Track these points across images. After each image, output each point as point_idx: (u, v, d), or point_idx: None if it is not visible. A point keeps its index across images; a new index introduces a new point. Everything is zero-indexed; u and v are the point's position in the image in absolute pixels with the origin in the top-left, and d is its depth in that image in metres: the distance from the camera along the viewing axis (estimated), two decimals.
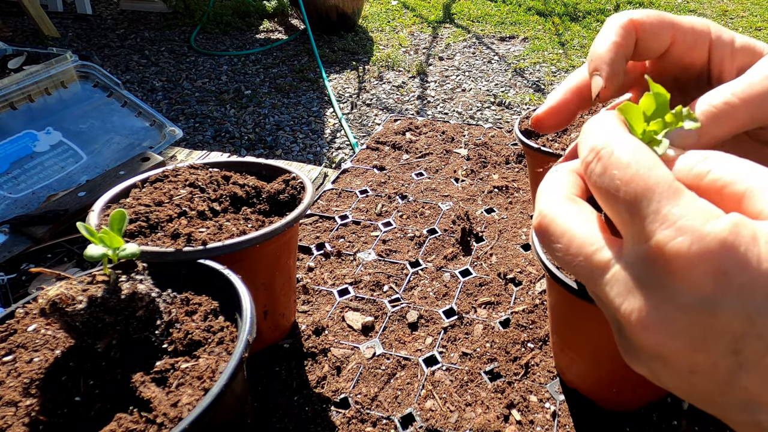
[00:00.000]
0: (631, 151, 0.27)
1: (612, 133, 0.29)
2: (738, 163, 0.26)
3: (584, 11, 4.71)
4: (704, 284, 0.22)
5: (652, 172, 0.26)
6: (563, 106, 0.38)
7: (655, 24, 0.35)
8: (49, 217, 0.86)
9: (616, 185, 0.26)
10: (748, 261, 0.22)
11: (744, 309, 0.22)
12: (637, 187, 0.25)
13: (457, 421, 0.59)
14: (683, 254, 0.23)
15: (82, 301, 0.39)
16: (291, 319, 0.71)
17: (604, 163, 0.27)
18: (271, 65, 3.70)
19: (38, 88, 1.09)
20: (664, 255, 0.23)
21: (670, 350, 0.24)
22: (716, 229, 0.23)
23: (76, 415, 0.37)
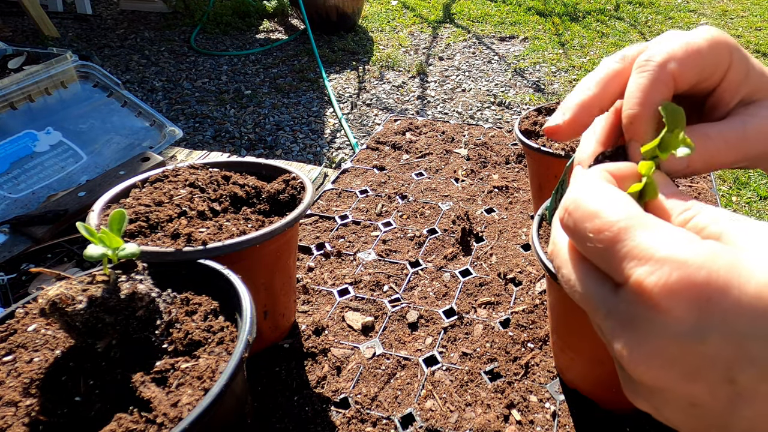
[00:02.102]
0: (597, 200, 0.27)
1: (581, 186, 0.29)
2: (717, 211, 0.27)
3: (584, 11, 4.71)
4: (689, 313, 0.22)
5: (620, 215, 0.26)
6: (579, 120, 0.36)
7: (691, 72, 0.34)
8: (49, 217, 0.86)
9: (589, 238, 0.27)
10: (730, 285, 0.22)
11: (731, 335, 0.21)
12: (608, 234, 0.26)
13: (457, 421, 0.59)
14: (663, 285, 0.23)
15: (82, 301, 0.39)
16: (291, 319, 0.71)
17: (574, 218, 0.28)
18: (271, 65, 3.70)
19: (38, 88, 1.09)
20: (645, 291, 0.23)
21: (666, 383, 0.24)
22: (694, 256, 0.22)
23: (76, 415, 0.37)
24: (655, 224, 0.25)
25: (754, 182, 2.55)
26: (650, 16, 4.62)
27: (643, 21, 4.52)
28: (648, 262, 0.23)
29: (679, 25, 4.39)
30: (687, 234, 0.24)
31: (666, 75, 0.33)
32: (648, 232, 0.24)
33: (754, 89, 0.35)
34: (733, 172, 2.60)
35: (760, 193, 2.48)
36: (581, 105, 0.36)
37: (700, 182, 1.00)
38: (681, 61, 0.33)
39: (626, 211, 0.26)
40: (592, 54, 3.88)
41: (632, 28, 4.36)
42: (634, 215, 0.26)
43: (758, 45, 3.98)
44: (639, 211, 0.26)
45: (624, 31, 4.30)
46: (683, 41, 0.34)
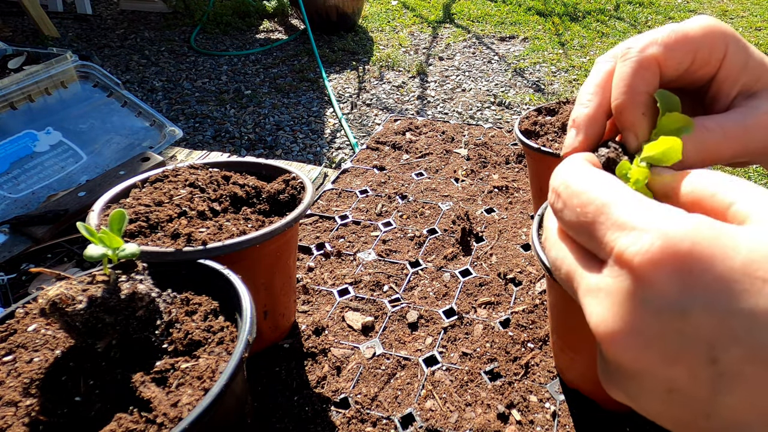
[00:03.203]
0: (585, 179, 0.27)
1: (568, 169, 0.29)
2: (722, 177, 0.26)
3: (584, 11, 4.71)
4: (671, 285, 0.21)
5: (606, 190, 0.26)
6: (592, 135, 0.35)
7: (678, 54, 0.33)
8: (49, 217, 0.86)
9: (577, 213, 0.26)
10: (713, 259, 0.21)
11: (714, 310, 0.20)
12: (594, 207, 0.25)
13: (457, 421, 0.59)
14: (645, 254, 0.22)
15: (82, 301, 0.39)
16: (291, 319, 0.71)
17: (564, 198, 0.28)
18: (271, 65, 3.70)
19: (38, 88, 1.09)
20: (626, 261, 0.22)
21: (643, 365, 0.22)
22: (679, 226, 0.22)
23: (76, 415, 0.37)
24: (640, 198, 0.24)
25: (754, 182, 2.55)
26: (650, 16, 4.62)
27: (643, 21, 4.52)
28: (631, 231, 0.23)
29: None
30: (673, 207, 0.23)
31: (648, 60, 0.33)
32: (633, 204, 0.24)
33: (754, 78, 0.34)
34: (732, 171, 2.60)
35: None
36: (589, 119, 0.35)
37: None
38: (665, 44, 0.33)
39: (613, 186, 0.26)
40: (592, 54, 3.88)
41: (632, 28, 4.36)
42: (620, 190, 0.26)
43: (758, 45, 3.98)
44: (626, 187, 0.26)
45: (624, 31, 4.30)
46: (669, 27, 0.34)
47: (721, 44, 0.34)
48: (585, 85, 0.36)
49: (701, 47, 0.34)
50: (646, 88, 0.33)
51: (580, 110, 0.35)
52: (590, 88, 0.36)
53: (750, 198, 0.24)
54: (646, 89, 0.33)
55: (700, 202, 0.26)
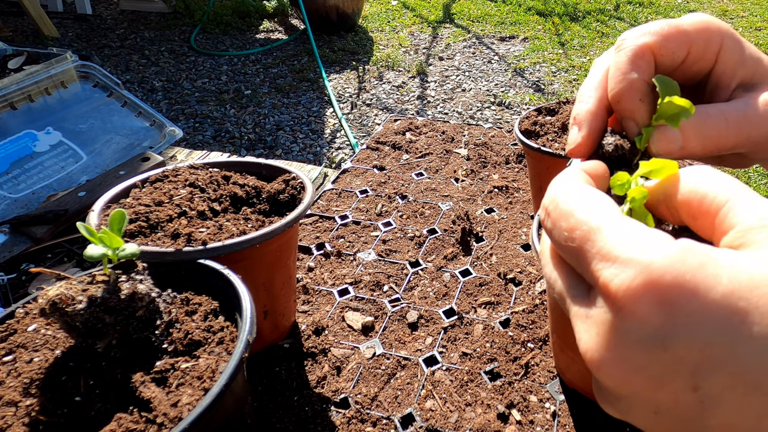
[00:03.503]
0: (573, 198, 0.27)
1: (559, 186, 0.29)
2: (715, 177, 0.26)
3: (584, 11, 4.71)
4: (652, 317, 0.21)
5: (593, 213, 0.26)
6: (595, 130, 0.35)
7: (671, 45, 0.34)
8: (49, 217, 0.86)
9: (564, 237, 0.26)
10: (695, 289, 0.21)
11: (695, 341, 0.21)
12: (580, 233, 0.25)
13: (457, 421, 0.59)
14: (627, 289, 0.22)
15: (82, 301, 0.39)
16: (291, 319, 0.71)
17: (553, 218, 0.28)
18: (271, 65, 3.70)
19: (38, 88, 1.09)
20: (611, 293, 0.23)
21: (630, 390, 0.23)
22: (659, 257, 0.22)
23: (76, 415, 0.37)
24: (627, 224, 0.24)
25: (754, 182, 2.55)
26: (650, 16, 4.62)
27: (643, 21, 4.52)
28: (615, 263, 0.23)
29: None
30: (659, 234, 0.23)
31: (642, 48, 0.34)
32: (619, 232, 0.24)
33: (750, 72, 0.35)
34: (732, 172, 2.60)
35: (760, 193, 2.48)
36: (590, 114, 0.35)
37: None
38: (659, 34, 0.34)
39: (600, 210, 0.26)
40: (592, 54, 3.88)
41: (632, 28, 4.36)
42: (607, 214, 0.25)
43: (758, 45, 3.98)
44: (614, 210, 0.26)
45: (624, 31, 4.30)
46: (663, 21, 0.35)
47: (716, 39, 0.34)
48: (584, 84, 0.37)
49: (696, 41, 0.34)
50: (642, 75, 0.34)
51: (581, 107, 0.36)
52: (590, 85, 0.36)
53: (740, 202, 0.24)
54: (642, 76, 0.34)
55: (693, 204, 0.26)
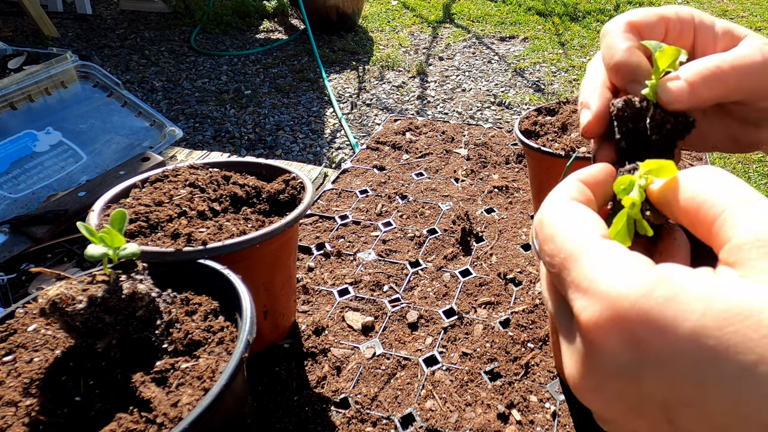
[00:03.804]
0: (556, 221, 0.27)
1: (547, 206, 0.28)
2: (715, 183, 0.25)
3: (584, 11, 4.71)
4: (622, 352, 0.21)
5: (573, 238, 0.25)
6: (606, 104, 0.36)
7: (651, 21, 0.36)
8: (49, 217, 0.86)
9: (547, 261, 0.26)
10: (663, 326, 0.20)
11: (663, 378, 0.20)
12: (559, 260, 0.25)
13: (457, 421, 0.59)
14: (595, 324, 0.22)
15: (82, 301, 0.39)
16: (291, 319, 0.71)
17: (539, 240, 0.27)
18: (271, 65, 3.70)
19: (38, 88, 1.09)
20: (582, 325, 0.23)
21: (612, 415, 0.23)
22: (627, 290, 0.21)
23: (76, 415, 0.37)
24: (604, 251, 0.24)
25: (754, 182, 2.55)
26: None
27: None
28: (585, 295, 0.23)
29: None
30: (635, 261, 0.23)
31: (626, 25, 0.36)
32: (593, 261, 0.23)
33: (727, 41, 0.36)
34: (732, 171, 2.60)
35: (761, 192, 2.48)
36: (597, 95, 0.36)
37: None
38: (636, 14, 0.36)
39: (580, 234, 0.25)
40: (592, 54, 3.88)
41: None
42: (586, 240, 0.25)
43: None
44: (594, 234, 0.25)
45: None
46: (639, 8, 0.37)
47: (689, 17, 0.37)
48: (584, 81, 0.38)
49: (671, 19, 0.36)
50: (634, 42, 0.36)
51: (586, 94, 0.37)
52: (590, 79, 0.38)
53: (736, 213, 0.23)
54: (634, 43, 0.36)
55: (692, 212, 0.25)
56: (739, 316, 0.19)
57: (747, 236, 0.22)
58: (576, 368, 0.24)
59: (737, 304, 0.19)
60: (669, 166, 0.27)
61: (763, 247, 0.21)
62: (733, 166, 2.65)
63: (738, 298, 0.20)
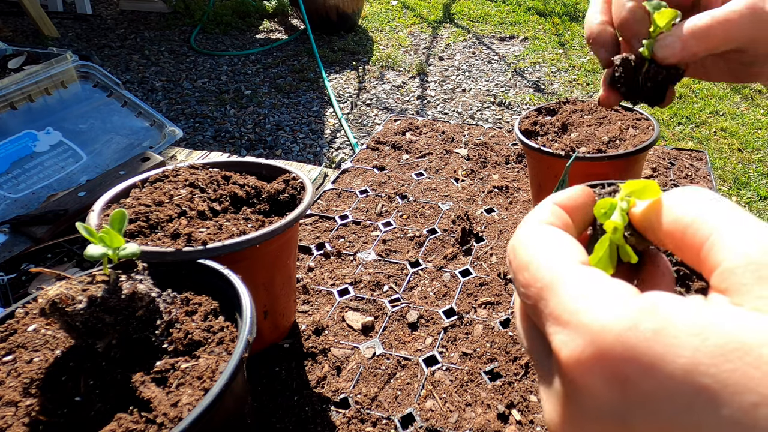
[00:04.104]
0: (530, 247, 0.25)
1: (521, 231, 0.26)
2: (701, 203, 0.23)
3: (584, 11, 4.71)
4: (607, 393, 0.19)
5: (548, 266, 0.23)
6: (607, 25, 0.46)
7: None
8: (49, 217, 0.86)
9: (522, 292, 0.24)
10: (651, 363, 0.18)
11: (656, 421, 0.18)
12: (535, 290, 0.23)
13: (457, 421, 0.59)
14: (577, 361, 0.20)
15: (82, 301, 0.39)
16: (291, 319, 0.71)
17: (513, 269, 0.25)
18: (271, 65, 3.70)
19: (38, 88, 1.09)
20: (562, 363, 0.21)
21: None
22: (615, 322, 0.19)
23: (76, 415, 0.37)
24: (585, 279, 0.22)
25: (754, 182, 2.55)
26: None
27: None
28: (565, 329, 0.21)
29: None
30: (618, 288, 0.21)
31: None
32: (573, 290, 0.21)
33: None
34: (732, 172, 2.60)
35: (760, 193, 2.48)
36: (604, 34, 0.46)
37: (701, 182, 1.00)
38: None
39: (557, 262, 0.23)
40: (591, 54, 3.88)
41: None
42: (564, 268, 0.23)
43: None
44: (573, 261, 0.23)
45: None
46: None
47: None
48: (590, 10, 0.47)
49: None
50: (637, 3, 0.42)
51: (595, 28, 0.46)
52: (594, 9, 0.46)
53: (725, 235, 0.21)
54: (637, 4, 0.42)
55: (677, 236, 0.23)
56: (737, 351, 0.17)
57: (739, 259, 0.20)
58: (555, 412, 0.22)
59: (734, 338, 0.17)
60: (651, 186, 0.25)
61: (757, 271, 0.19)
62: (733, 166, 2.65)
63: (735, 331, 0.18)
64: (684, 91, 3.28)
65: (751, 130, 2.95)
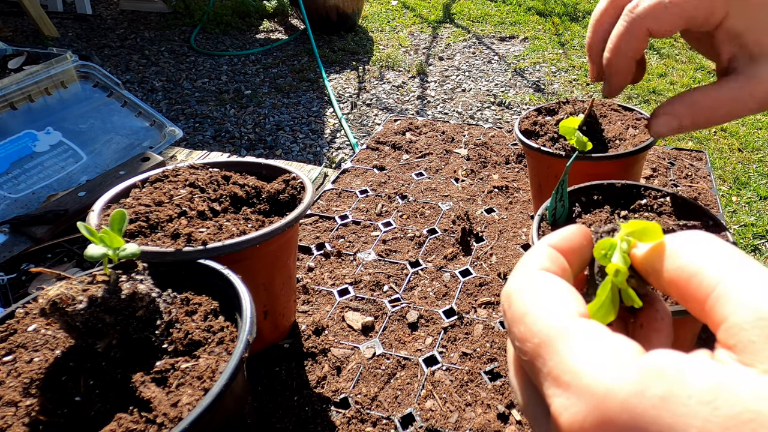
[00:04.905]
0: (527, 297, 0.23)
1: (517, 274, 0.25)
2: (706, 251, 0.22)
3: (584, 11, 4.71)
4: None
5: (545, 320, 0.22)
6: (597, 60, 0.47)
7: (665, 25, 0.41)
8: (49, 217, 0.86)
9: (517, 347, 0.23)
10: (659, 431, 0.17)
11: None
12: (532, 346, 0.22)
13: (457, 421, 0.59)
14: (580, 428, 0.18)
15: (82, 301, 0.39)
16: (291, 319, 0.71)
17: (508, 319, 0.24)
18: (271, 65, 3.70)
19: (38, 88, 1.09)
20: (562, 429, 0.19)
21: None
22: (615, 388, 0.18)
23: (76, 415, 0.37)
24: (585, 335, 0.20)
25: (754, 182, 2.55)
26: None
27: None
28: (566, 391, 0.19)
29: None
30: (622, 348, 0.20)
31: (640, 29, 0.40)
32: (574, 348, 0.20)
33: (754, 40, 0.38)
34: (732, 172, 2.60)
35: (760, 193, 2.48)
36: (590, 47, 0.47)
37: (701, 182, 1.00)
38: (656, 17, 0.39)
39: (556, 316, 0.22)
40: None
41: None
42: (563, 323, 0.21)
43: None
44: (572, 314, 0.22)
45: None
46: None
47: (721, 8, 0.38)
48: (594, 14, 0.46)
49: (696, 14, 0.38)
50: (633, 54, 0.41)
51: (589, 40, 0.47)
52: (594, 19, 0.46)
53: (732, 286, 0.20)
54: (633, 55, 0.41)
55: (681, 285, 0.22)
56: (751, 423, 0.16)
57: (746, 315, 0.19)
58: None
59: (747, 408, 0.16)
60: (653, 228, 0.24)
61: (767, 327, 0.18)
62: (733, 166, 2.65)
63: (748, 398, 0.16)
64: None
65: (751, 130, 2.95)
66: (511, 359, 0.26)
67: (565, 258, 0.26)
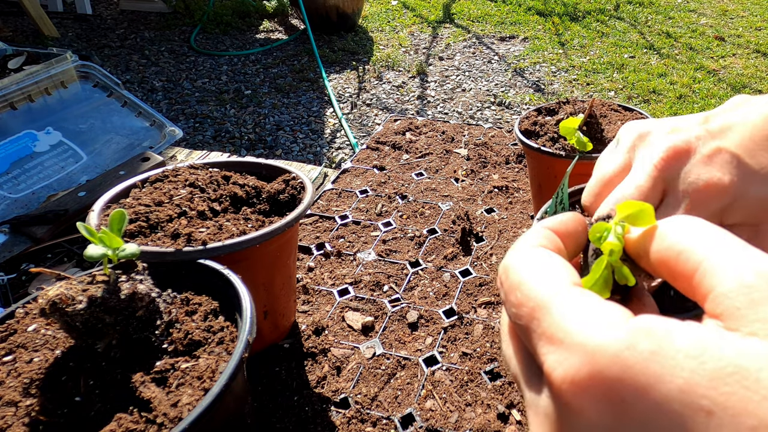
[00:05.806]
0: (523, 268, 0.24)
1: (514, 251, 0.26)
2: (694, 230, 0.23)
3: (584, 11, 4.71)
4: (602, 415, 0.19)
5: (543, 287, 0.23)
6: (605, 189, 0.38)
7: None
8: (49, 217, 0.86)
9: (513, 313, 0.24)
10: (647, 384, 0.18)
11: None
12: (527, 310, 0.23)
13: (457, 421, 0.59)
14: (571, 382, 0.19)
15: (82, 301, 0.39)
16: (291, 319, 0.71)
17: (504, 290, 0.25)
18: (271, 65, 3.70)
19: (38, 88, 1.09)
20: (555, 384, 0.20)
21: None
22: (610, 342, 0.19)
23: (76, 415, 0.37)
24: (578, 299, 0.22)
25: None
26: (650, 16, 4.62)
27: (643, 21, 4.52)
28: (559, 348, 0.20)
29: (679, 24, 4.39)
30: (612, 310, 0.21)
31: None
32: (566, 309, 0.21)
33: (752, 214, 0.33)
34: None
35: None
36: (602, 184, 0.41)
37: None
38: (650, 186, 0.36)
39: (550, 282, 0.23)
40: (592, 54, 3.88)
41: (632, 28, 4.36)
42: (557, 288, 0.22)
43: (758, 45, 3.98)
44: (566, 282, 0.23)
45: (624, 30, 4.30)
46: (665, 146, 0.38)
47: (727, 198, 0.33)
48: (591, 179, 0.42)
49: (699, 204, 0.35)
50: None
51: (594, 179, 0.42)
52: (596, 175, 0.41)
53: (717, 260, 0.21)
54: None
55: (671, 264, 0.23)
56: (735, 375, 0.17)
57: (731, 284, 0.20)
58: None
59: (732, 362, 0.17)
60: (647, 211, 0.25)
61: (750, 294, 0.19)
62: None
63: (732, 356, 0.18)
64: (684, 91, 3.28)
65: None
66: (505, 329, 0.27)
67: (561, 240, 0.27)
